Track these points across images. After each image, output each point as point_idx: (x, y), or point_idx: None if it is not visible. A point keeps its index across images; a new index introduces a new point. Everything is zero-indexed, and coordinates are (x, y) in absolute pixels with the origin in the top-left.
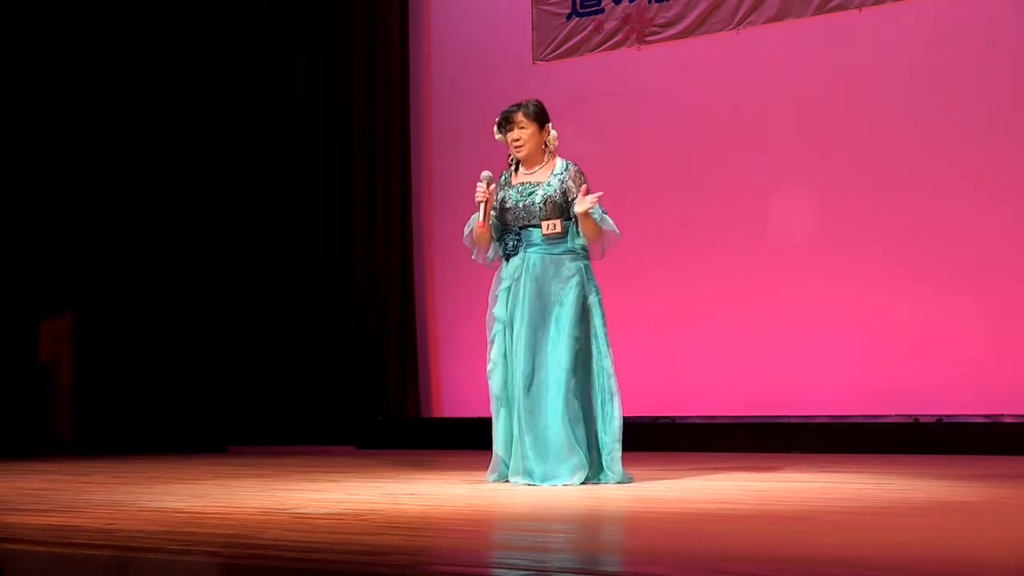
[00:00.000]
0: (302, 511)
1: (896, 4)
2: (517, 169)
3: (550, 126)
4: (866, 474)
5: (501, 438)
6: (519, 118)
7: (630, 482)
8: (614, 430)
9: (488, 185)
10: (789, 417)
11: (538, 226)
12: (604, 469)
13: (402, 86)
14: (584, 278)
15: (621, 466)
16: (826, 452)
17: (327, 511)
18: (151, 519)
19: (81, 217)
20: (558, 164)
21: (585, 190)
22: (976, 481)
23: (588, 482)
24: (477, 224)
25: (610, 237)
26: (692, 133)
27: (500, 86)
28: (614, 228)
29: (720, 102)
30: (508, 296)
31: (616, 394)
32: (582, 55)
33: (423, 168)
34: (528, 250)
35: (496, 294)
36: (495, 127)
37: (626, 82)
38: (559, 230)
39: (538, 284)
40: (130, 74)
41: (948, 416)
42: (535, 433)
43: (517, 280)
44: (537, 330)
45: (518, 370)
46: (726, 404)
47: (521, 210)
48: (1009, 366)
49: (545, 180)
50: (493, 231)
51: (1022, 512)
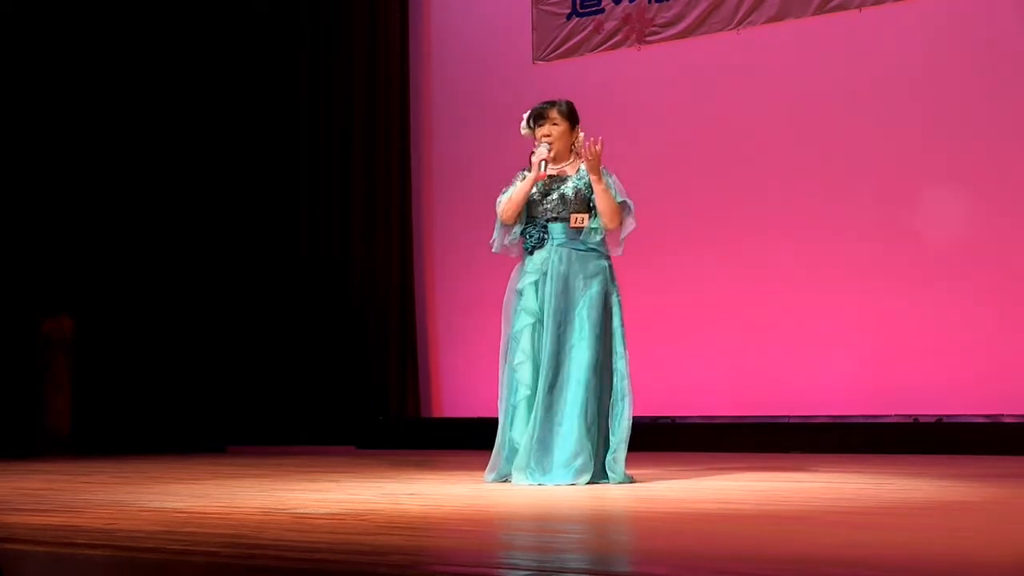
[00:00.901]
0: (302, 511)
1: (896, 4)
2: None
3: (579, 128)
4: (866, 474)
5: (519, 430)
6: (553, 114)
7: (631, 483)
8: (622, 431)
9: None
10: (789, 417)
11: (566, 220)
12: (607, 469)
13: (402, 86)
14: (607, 277)
15: (624, 467)
16: (826, 452)
17: (327, 511)
18: (151, 519)
19: (81, 217)
20: (582, 164)
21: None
22: (976, 481)
23: (591, 482)
24: (529, 181)
25: (627, 222)
26: (692, 133)
27: (500, 86)
28: (628, 201)
29: (720, 102)
30: (536, 290)
31: (628, 395)
32: (582, 55)
33: (423, 168)
34: (555, 244)
35: (521, 288)
36: (524, 121)
37: (626, 82)
38: (586, 225)
39: (564, 279)
40: (129, 74)
41: (948, 416)
42: (550, 430)
43: (545, 275)
44: (561, 325)
45: (542, 366)
46: (726, 404)
47: (556, 200)
48: (1009, 366)
49: (575, 174)
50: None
51: (1022, 512)
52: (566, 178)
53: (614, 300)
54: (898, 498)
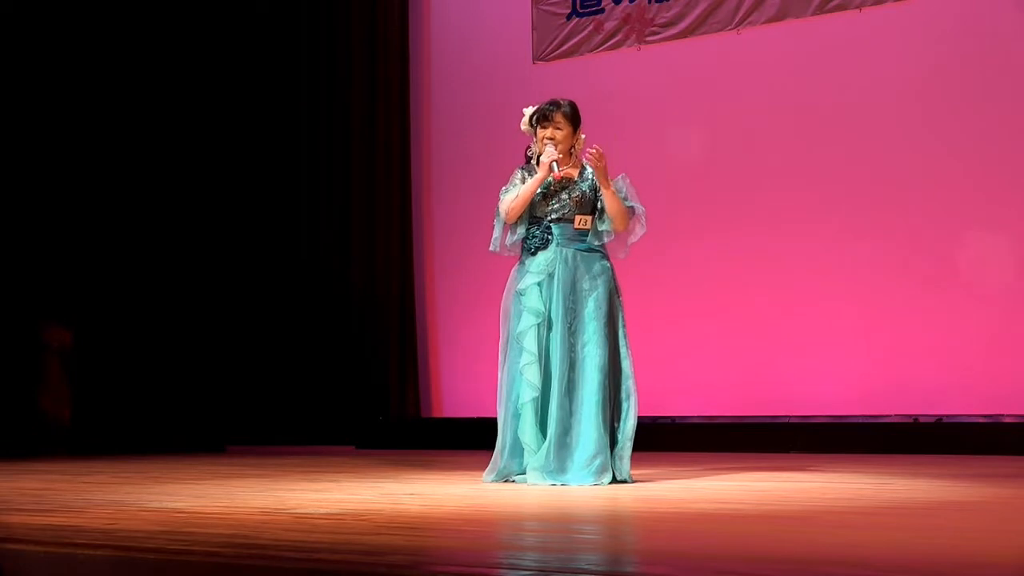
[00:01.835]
0: (302, 511)
1: (896, 4)
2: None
3: (580, 130)
4: (866, 474)
5: (529, 431)
6: (558, 118)
7: (631, 483)
8: (628, 430)
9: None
10: (789, 417)
11: (570, 221)
12: (612, 468)
13: (402, 86)
14: (611, 277)
15: (629, 466)
16: (826, 452)
17: (327, 511)
18: (151, 519)
19: (81, 216)
20: (586, 166)
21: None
22: (976, 481)
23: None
24: (537, 180)
25: (635, 225)
26: (692, 133)
27: (500, 86)
28: (637, 206)
29: (720, 102)
30: (540, 290)
31: (633, 395)
32: (582, 55)
33: (423, 167)
34: (559, 246)
35: (523, 289)
36: (526, 119)
37: (626, 82)
38: (590, 227)
39: (571, 280)
40: (129, 77)
41: (948, 416)
42: (568, 432)
43: (550, 275)
44: (570, 326)
45: (555, 367)
46: (726, 404)
47: (562, 201)
48: (1009, 366)
49: (579, 176)
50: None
51: (1022, 512)
52: (571, 180)
53: (617, 302)
54: (898, 498)
